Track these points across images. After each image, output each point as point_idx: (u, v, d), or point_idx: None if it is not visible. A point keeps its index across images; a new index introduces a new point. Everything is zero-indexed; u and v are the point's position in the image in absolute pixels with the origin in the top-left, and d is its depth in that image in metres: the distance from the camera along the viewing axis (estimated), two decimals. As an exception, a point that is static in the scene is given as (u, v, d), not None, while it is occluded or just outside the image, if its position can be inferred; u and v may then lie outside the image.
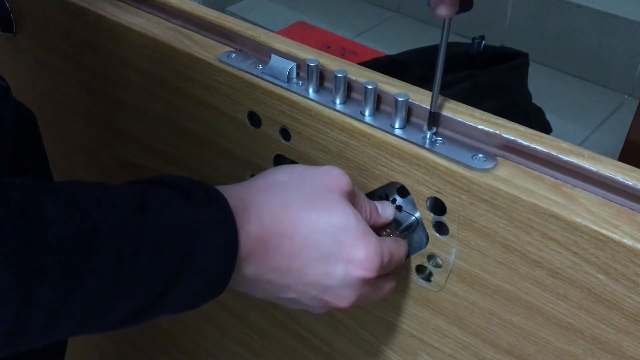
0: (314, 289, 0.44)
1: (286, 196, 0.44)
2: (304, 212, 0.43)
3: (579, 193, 0.42)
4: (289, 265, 0.43)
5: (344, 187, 0.46)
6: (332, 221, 0.44)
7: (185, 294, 0.39)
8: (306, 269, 0.43)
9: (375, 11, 2.06)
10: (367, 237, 0.44)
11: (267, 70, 0.54)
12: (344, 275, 0.44)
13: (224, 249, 0.40)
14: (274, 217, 0.43)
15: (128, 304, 0.37)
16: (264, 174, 0.47)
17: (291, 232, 0.43)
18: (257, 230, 0.42)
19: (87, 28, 0.66)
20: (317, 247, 0.43)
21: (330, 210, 0.44)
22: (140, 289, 0.37)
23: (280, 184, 0.45)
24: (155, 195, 0.39)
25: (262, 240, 0.42)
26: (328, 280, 0.44)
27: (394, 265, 0.47)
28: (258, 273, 0.43)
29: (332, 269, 0.43)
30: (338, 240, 0.43)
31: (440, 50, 0.45)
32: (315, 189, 0.45)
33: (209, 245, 0.39)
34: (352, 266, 0.43)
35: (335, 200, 0.45)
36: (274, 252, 0.42)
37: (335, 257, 0.43)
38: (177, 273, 0.38)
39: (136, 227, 0.37)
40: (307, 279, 0.44)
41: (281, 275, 0.43)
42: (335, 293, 0.44)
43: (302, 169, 0.47)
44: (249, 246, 0.41)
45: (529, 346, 0.48)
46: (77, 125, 0.79)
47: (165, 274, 0.37)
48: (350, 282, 0.44)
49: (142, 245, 0.36)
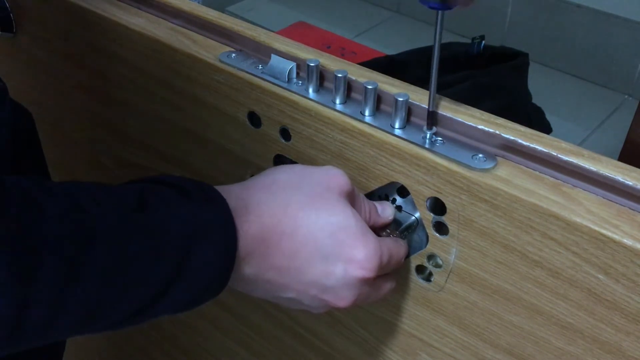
0: (313, 288, 0.44)
1: (286, 195, 0.44)
2: (304, 211, 0.43)
3: (579, 193, 0.42)
4: (288, 265, 0.43)
5: (344, 187, 0.46)
6: (331, 220, 0.44)
7: (185, 293, 0.39)
8: (305, 269, 0.43)
9: (375, 11, 2.05)
10: (366, 236, 0.44)
11: (267, 70, 0.54)
12: (343, 275, 0.44)
13: (223, 248, 0.40)
14: (273, 216, 0.43)
15: (127, 303, 0.37)
16: (264, 174, 0.47)
17: (291, 231, 0.43)
18: (257, 230, 0.42)
19: (87, 28, 0.65)
20: (316, 247, 0.43)
21: (329, 210, 0.44)
22: (139, 288, 0.37)
23: (279, 184, 0.45)
24: (154, 194, 0.39)
25: (261, 239, 0.42)
26: (327, 279, 0.44)
27: (394, 266, 0.47)
28: (257, 272, 0.43)
29: (332, 269, 0.43)
30: (337, 239, 0.43)
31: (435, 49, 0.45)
32: (315, 189, 0.45)
33: (209, 244, 0.39)
34: (352, 266, 0.43)
35: (334, 200, 0.45)
36: (274, 251, 0.42)
37: (335, 257, 0.43)
38: (177, 272, 0.38)
39: (135, 226, 0.37)
40: (307, 279, 0.44)
41: (280, 275, 0.43)
42: (335, 293, 0.44)
43: (301, 169, 0.47)
44: (249, 245, 0.41)
45: (529, 346, 0.48)
46: (77, 125, 0.79)
47: (164, 273, 0.37)
48: (349, 282, 0.44)
49: (141, 245, 0.36)
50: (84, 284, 0.34)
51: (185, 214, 0.39)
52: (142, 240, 0.37)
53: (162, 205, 0.38)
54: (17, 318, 0.32)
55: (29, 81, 0.81)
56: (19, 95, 0.84)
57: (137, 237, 0.36)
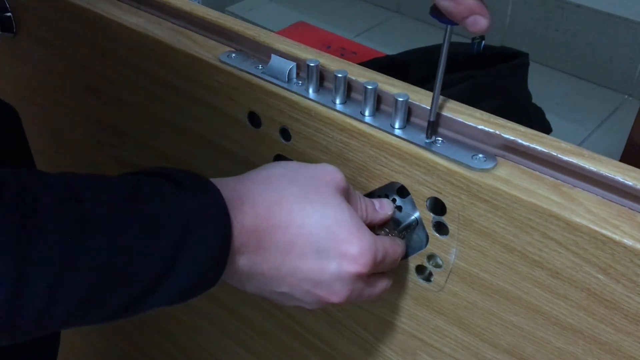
0: (307, 282, 0.44)
1: (281, 189, 0.44)
2: (299, 204, 0.43)
3: (579, 193, 0.42)
4: (282, 258, 0.43)
5: (339, 182, 0.46)
6: (326, 214, 0.43)
7: (179, 284, 0.39)
8: (299, 262, 0.43)
9: (375, 11, 2.05)
10: (361, 232, 0.44)
11: (267, 70, 0.54)
12: (337, 270, 0.44)
13: (218, 240, 0.40)
14: (268, 209, 0.43)
15: (122, 293, 0.37)
16: (260, 168, 0.47)
17: (285, 224, 0.43)
18: (251, 222, 0.42)
19: (87, 28, 0.65)
20: (310, 240, 0.43)
21: (325, 204, 0.44)
22: (134, 277, 0.37)
23: (275, 177, 0.45)
24: (149, 185, 0.39)
25: (255, 231, 0.42)
26: (321, 274, 0.44)
27: (389, 264, 0.47)
28: (251, 265, 0.43)
29: (326, 263, 0.43)
30: (332, 233, 0.43)
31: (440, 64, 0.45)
32: (310, 183, 0.45)
33: (203, 235, 0.39)
34: (345, 261, 0.43)
35: (330, 195, 0.45)
36: (268, 243, 0.42)
37: (329, 251, 0.43)
38: (171, 262, 0.38)
39: (129, 215, 0.37)
40: (300, 272, 0.44)
41: (274, 268, 0.43)
42: (328, 287, 0.44)
43: (297, 165, 0.47)
44: (243, 237, 0.41)
45: (529, 346, 0.48)
46: (76, 125, 0.79)
47: (158, 263, 0.37)
48: (343, 277, 0.44)
49: (135, 234, 0.36)
50: (79, 272, 0.34)
51: (179, 204, 0.39)
52: (136, 230, 0.37)
53: (156, 195, 0.38)
54: (12, 307, 0.32)
55: (29, 81, 0.81)
56: (19, 95, 0.84)
57: (131, 227, 0.36)
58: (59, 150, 0.85)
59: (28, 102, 0.84)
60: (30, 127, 0.86)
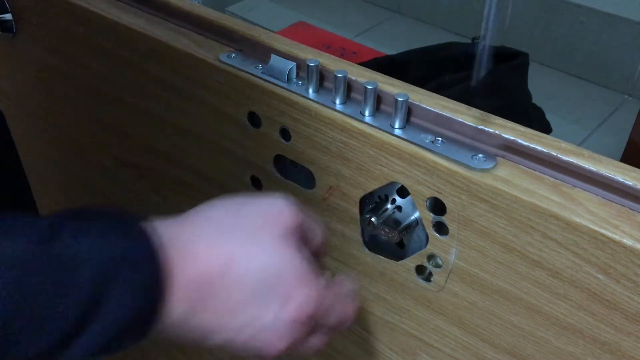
0: (243, 333, 0.41)
1: (221, 233, 0.41)
2: (239, 251, 0.41)
3: (579, 193, 0.42)
4: (222, 306, 0.40)
5: (287, 222, 0.42)
6: (269, 262, 0.41)
7: (100, 335, 0.36)
8: (237, 311, 0.40)
9: (375, 11, 2.06)
10: (305, 281, 0.41)
11: (267, 70, 0.54)
12: (274, 319, 0.41)
13: (143, 287, 0.37)
14: (206, 255, 0.40)
15: (36, 340, 0.34)
16: (200, 209, 0.43)
17: (224, 272, 0.40)
18: (189, 270, 0.39)
19: (87, 28, 0.66)
20: (250, 289, 0.40)
21: (267, 250, 0.41)
22: (46, 324, 0.34)
23: (216, 220, 0.42)
24: (67, 226, 0.36)
25: (192, 280, 0.39)
26: (258, 323, 0.41)
27: (334, 321, 0.44)
28: (187, 314, 0.39)
29: (264, 312, 0.41)
30: (274, 282, 0.41)
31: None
32: (254, 223, 0.42)
33: (124, 282, 0.36)
34: (284, 310, 0.41)
35: (274, 239, 0.42)
36: (205, 293, 0.39)
37: (269, 300, 0.41)
38: (89, 311, 0.35)
39: (41, 258, 0.34)
40: (236, 322, 0.41)
41: (212, 318, 0.40)
42: (265, 338, 0.41)
43: (241, 203, 0.44)
44: (179, 285, 0.38)
45: (529, 346, 0.48)
46: (76, 125, 0.79)
47: (73, 311, 0.35)
48: (281, 325, 0.41)
49: (46, 278, 0.34)
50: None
51: (99, 249, 0.36)
52: (47, 274, 0.34)
53: (73, 239, 0.36)
54: None
55: (29, 81, 0.81)
56: (19, 95, 0.84)
57: (43, 271, 0.34)
58: (58, 150, 0.85)
59: (28, 102, 0.84)
60: (30, 127, 0.86)
